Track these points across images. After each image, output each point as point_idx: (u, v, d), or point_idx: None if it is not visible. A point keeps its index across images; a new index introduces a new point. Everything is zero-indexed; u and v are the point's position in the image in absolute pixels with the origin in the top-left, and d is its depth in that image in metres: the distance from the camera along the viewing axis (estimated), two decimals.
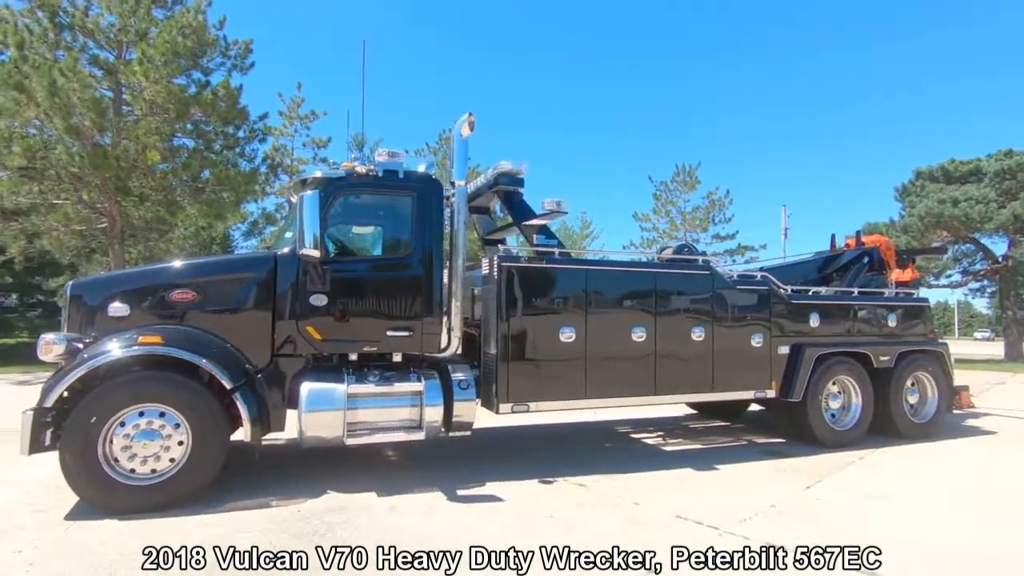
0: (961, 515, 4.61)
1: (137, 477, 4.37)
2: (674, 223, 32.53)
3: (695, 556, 3.64)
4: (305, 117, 21.16)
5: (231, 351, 4.82)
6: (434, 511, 4.56)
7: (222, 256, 5.29)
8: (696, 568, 3.55)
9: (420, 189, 5.48)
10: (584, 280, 5.91)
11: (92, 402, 4.26)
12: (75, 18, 14.53)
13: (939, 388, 7.64)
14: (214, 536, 3.90)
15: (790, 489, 5.28)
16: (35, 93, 11.73)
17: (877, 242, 8.93)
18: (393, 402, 5.12)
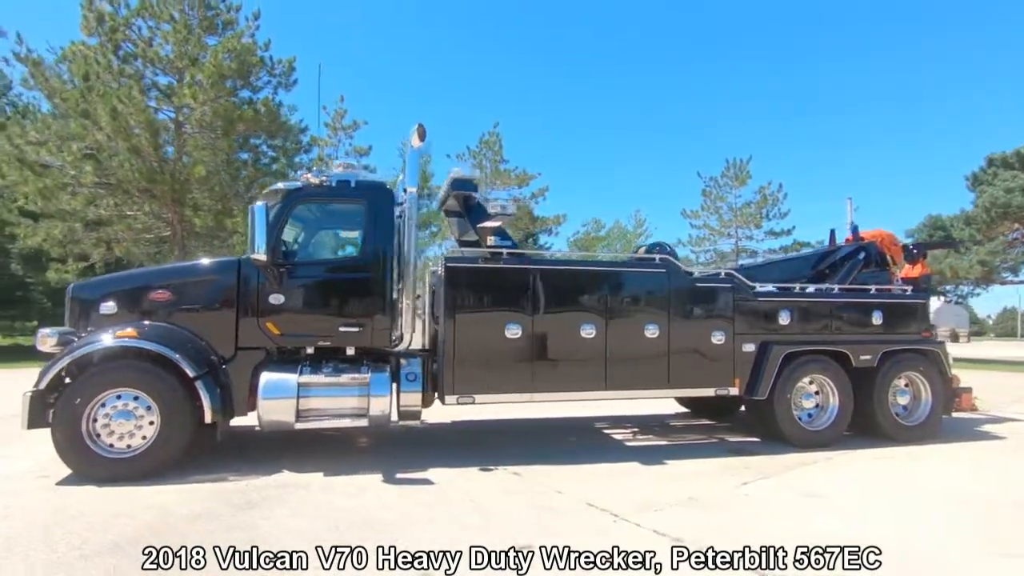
0: (884, 518, 4.52)
1: (115, 451, 5.09)
2: (723, 219, 31.56)
3: (570, 543, 3.86)
4: (348, 127, 22.51)
5: (199, 344, 5.48)
6: (364, 490, 5.00)
7: (195, 261, 5.98)
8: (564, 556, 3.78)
9: (370, 197, 5.96)
10: (531, 279, 6.16)
11: (77, 386, 5.03)
12: (139, 49, 16.24)
13: (933, 390, 7.27)
14: (162, 502, 4.53)
15: (725, 484, 5.31)
16: (99, 119, 13.32)
17: (877, 236, 8.56)
18: (341, 391, 5.61)
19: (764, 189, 31.45)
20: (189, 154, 15.34)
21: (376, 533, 3.98)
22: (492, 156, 25.79)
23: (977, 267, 19.58)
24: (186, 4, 16.98)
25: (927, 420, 7.24)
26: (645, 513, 4.48)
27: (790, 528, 4.18)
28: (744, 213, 31.41)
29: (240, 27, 17.99)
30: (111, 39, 14.80)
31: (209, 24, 17.43)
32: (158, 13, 16.96)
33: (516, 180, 25.30)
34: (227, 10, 17.68)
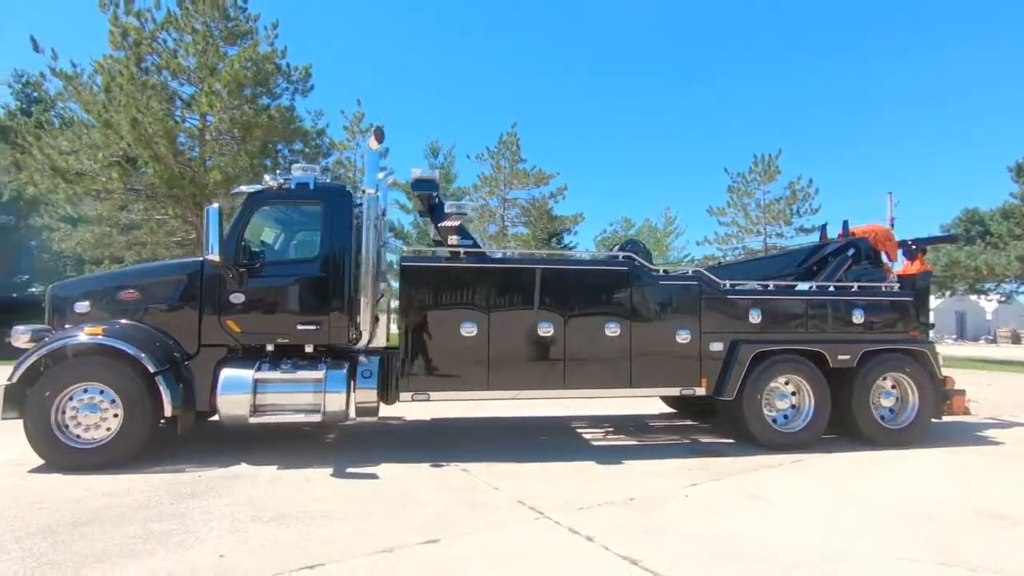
0: (816, 525, 4.36)
1: (81, 441, 5.40)
2: (750, 216, 30.67)
3: (474, 540, 3.90)
4: (366, 130, 22.94)
5: (164, 341, 5.75)
6: (308, 482, 5.15)
7: (162, 261, 6.24)
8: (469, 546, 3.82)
9: (328, 199, 6.11)
10: (487, 277, 6.20)
11: (47, 379, 5.35)
12: (163, 60, 17.02)
13: (921, 392, 6.93)
14: (115, 490, 4.78)
15: (673, 485, 5.22)
16: (121, 128, 14.05)
17: (870, 232, 8.21)
18: (296, 388, 5.78)
19: (794, 184, 30.36)
20: (211, 160, 16.00)
21: (290, 522, 4.12)
22: (510, 156, 25.86)
23: (1016, 264, 18.36)
24: (208, 16, 17.68)
25: (913, 424, 6.91)
26: (570, 511, 4.46)
27: (709, 531, 4.10)
28: (772, 209, 30.42)
29: (259, 36, 18.64)
30: (135, 52, 15.56)
31: (229, 34, 18.09)
32: (182, 25, 17.73)
33: (533, 179, 25.28)
34: (245, 20, 18.33)
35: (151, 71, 16.09)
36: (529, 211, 25.53)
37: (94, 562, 3.44)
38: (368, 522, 4.20)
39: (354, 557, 3.57)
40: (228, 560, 3.50)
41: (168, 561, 3.47)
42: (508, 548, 3.77)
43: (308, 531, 4.00)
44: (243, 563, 3.45)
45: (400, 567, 3.45)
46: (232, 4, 18.48)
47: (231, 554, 3.59)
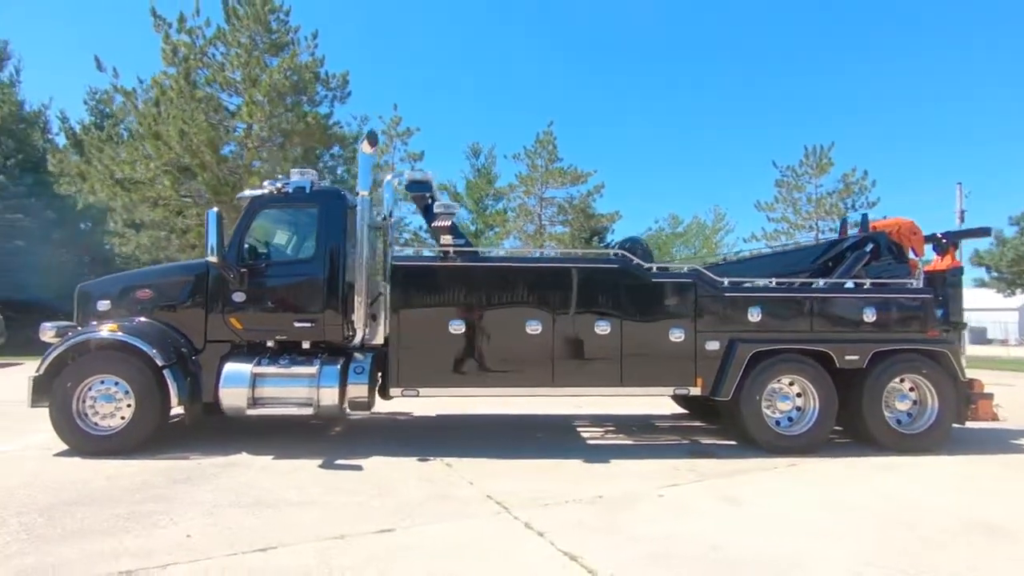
0: (783, 533, 4.21)
1: (99, 429, 5.87)
2: (800, 211, 29.34)
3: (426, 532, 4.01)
4: (403, 134, 23.58)
5: (172, 337, 6.17)
6: (296, 471, 5.41)
7: (173, 263, 6.65)
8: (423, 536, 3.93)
9: (323, 201, 6.38)
10: (475, 276, 6.30)
11: (69, 371, 5.86)
12: (211, 74, 18.08)
13: (941, 396, 6.50)
14: (119, 473, 5.19)
15: (650, 485, 5.15)
16: (170, 139, 15.06)
17: (892, 226, 7.77)
18: (290, 382, 6.07)
19: (847, 177, 28.82)
20: (253, 167, 16.91)
21: (263, 508, 4.37)
22: (547, 155, 25.84)
23: None
24: (252, 30, 18.65)
25: (931, 429, 6.50)
26: (534, 507, 4.50)
27: (664, 531, 4.04)
28: (825, 204, 28.97)
29: (299, 46, 19.49)
30: (184, 67, 16.62)
31: (271, 45, 19.01)
32: (229, 40, 18.78)
33: (569, 178, 25.15)
34: (286, 32, 19.21)
35: (199, 84, 17.12)
36: (566, 210, 25.42)
37: (74, 537, 3.77)
38: (335, 510, 4.39)
39: (306, 542, 3.75)
40: (192, 540, 3.75)
41: (139, 539, 3.76)
42: (456, 540, 3.86)
43: (276, 517, 4.23)
44: (204, 544, 3.70)
45: (344, 552, 3.60)
46: (275, 17, 19.45)
47: (197, 535, 3.84)
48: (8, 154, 24.39)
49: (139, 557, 3.47)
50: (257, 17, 18.65)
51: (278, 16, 19.47)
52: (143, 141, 15.97)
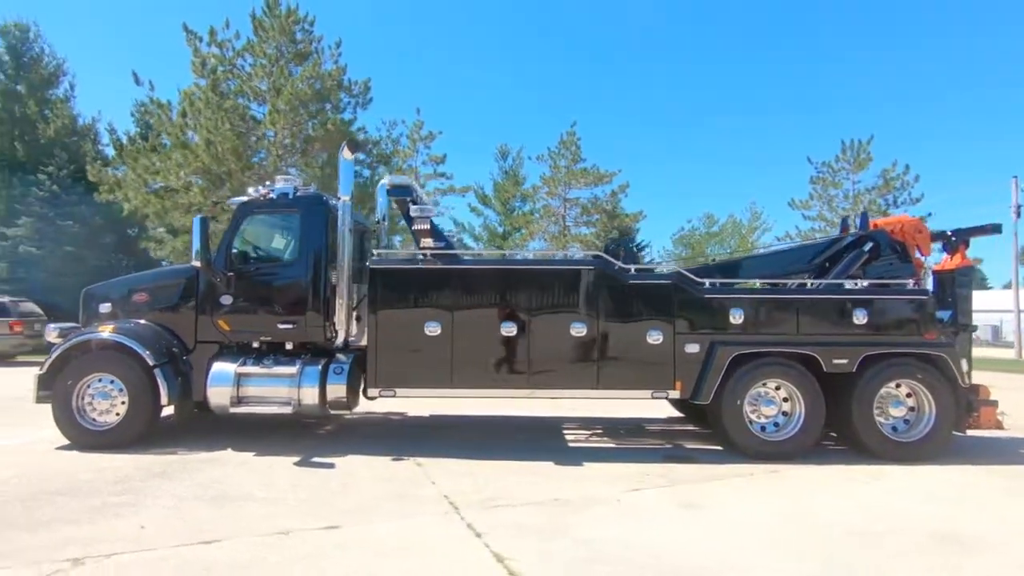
0: (741, 537, 4.11)
1: (97, 424, 6.22)
2: (835, 209, 28.22)
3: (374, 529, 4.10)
4: (425, 138, 23.92)
5: (165, 338, 6.47)
6: (270, 468, 5.60)
7: (167, 267, 6.97)
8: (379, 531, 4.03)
9: (305, 206, 6.57)
10: (450, 279, 6.36)
11: (69, 369, 6.23)
12: (239, 85, 18.81)
13: (937, 402, 6.18)
14: (107, 467, 5.49)
15: (612, 489, 5.10)
16: (197, 149, 15.76)
17: (895, 224, 7.43)
18: (272, 382, 6.28)
19: (887, 172, 27.59)
20: (281, 171, 17.53)
21: (225, 502, 4.55)
22: (570, 156, 25.70)
23: None
24: (277, 41, 19.30)
25: (928, 437, 6.18)
26: (485, 509, 4.54)
27: (605, 536, 4.01)
28: (863, 200, 27.74)
29: (323, 55, 20.06)
30: (212, 79, 17.35)
31: (296, 55, 19.62)
32: (256, 51, 19.49)
33: (592, 178, 24.95)
34: (310, 42, 19.78)
35: (227, 95, 17.84)
36: (588, 210, 25.26)
37: (41, 526, 4.02)
38: (292, 506, 4.53)
39: (250, 536, 3.90)
40: (145, 531, 3.95)
41: (98, 529, 3.99)
42: (393, 539, 3.92)
43: (233, 511, 4.40)
44: (153, 535, 3.89)
45: (281, 547, 3.72)
46: (300, 28, 20.06)
47: (151, 526, 4.04)
48: (61, 165, 25.94)
49: (89, 545, 3.68)
50: (282, 28, 19.29)
51: (303, 26, 20.07)
52: (174, 151, 16.75)
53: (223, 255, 6.49)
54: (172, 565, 3.44)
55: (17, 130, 27.42)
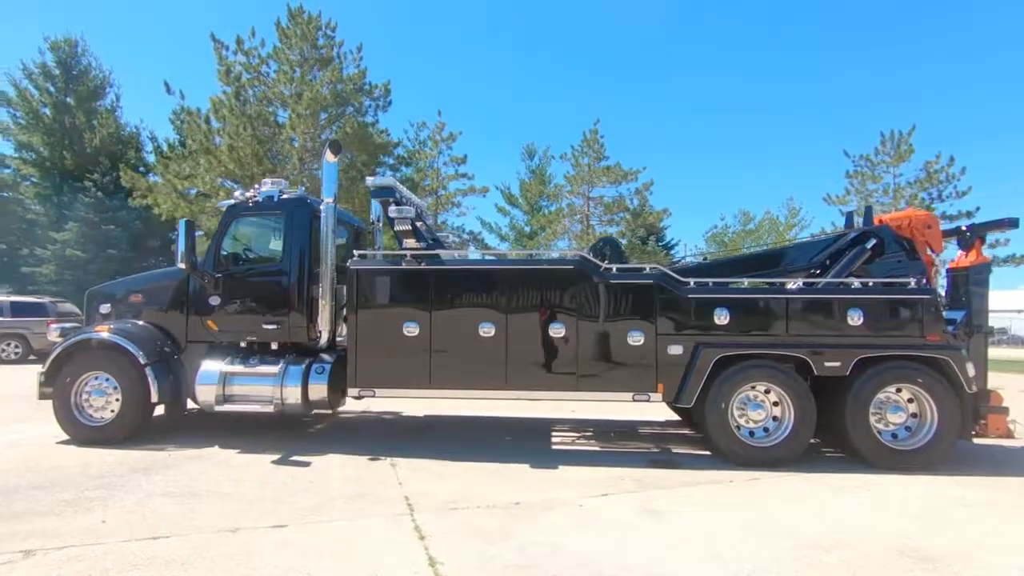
0: (690, 547, 3.95)
1: (93, 420, 6.48)
2: (872, 203, 26.91)
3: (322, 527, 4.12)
4: (447, 139, 24.06)
5: (159, 337, 6.69)
6: (248, 465, 5.73)
7: (160, 269, 7.20)
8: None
9: (289, 209, 6.69)
10: (428, 279, 6.36)
11: (68, 367, 6.51)
12: (264, 92, 19.37)
13: (940, 408, 5.82)
14: (95, 461, 5.72)
15: (577, 494, 4.97)
16: (220, 154, 16.31)
17: (902, 219, 7.01)
18: (256, 381, 6.42)
19: (930, 165, 26.17)
20: (301, 177, 18.01)
21: (190, 499, 4.68)
22: (593, 154, 25.40)
23: None
24: (300, 47, 19.78)
25: (929, 446, 5.82)
26: (441, 511, 4.51)
27: (549, 542, 3.91)
28: (904, 194, 26.42)
29: (344, 60, 20.46)
30: (236, 86, 17.93)
31: (318, 60, 20.07)
32: (281, 58, 20.03)
33: (614, 176, 24.56)
34: (331, 47, 20.20)
35: (253, 101, 18.41)
36: (611, 208, 24.92)
37: (11, 517, 4.21)
38: (251, 504, 4.61)
39: (199, 532, 3.98)
40: (104, 525, 4.09)
41: (62, 521, 4.15)
42: (335, 539, 3.93)
43: (194, 507, 4.50)
44: (110, 529, 4.01)
45: (224, 544, 3.78)
46: (322, 34, 20.51)
47: (112, 521, 4.17)
48: (105, 172, 27.35)
49: (47, 538, 3.83)
50: (304, 35, 19.77)
51: (324, 32, 20.53)
52: (200, 156, 17.40)
53: (212, 257, 6.68)
54: (112, 559, 3.54)
55: (66, 140, 29.02)
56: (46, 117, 28.38)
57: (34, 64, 28.66)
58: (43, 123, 28.31)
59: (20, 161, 28.17)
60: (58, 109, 29.26)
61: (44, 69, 29.06)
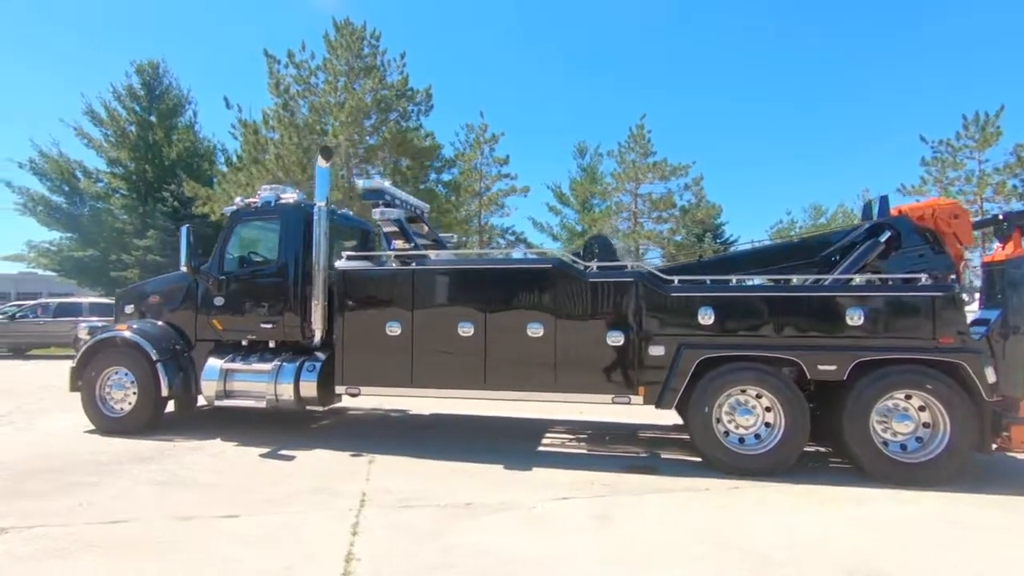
0: (623, 555, 3.80)
1: (114, 412, 7.06)
2: (949, 193, 24.63)
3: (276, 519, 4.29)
4: (489, 140, 24.25)
5: (172, 336, 7.19)
6: (240, 457, 6.08)
7: (175, 273, 7.66)
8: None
9: (284, 213, 6.99)
10: (411, 279, 6.45)
11: (93, 362, 7.13)
12: (311, 102, 20.31)
13: (954, 417, 5.26)
14: (108, 450, 6.23)
15: (536, 497, 4.87)
16: (268, 164, 17.26)
17: (925, 209, 6.39)
18: (252, 377, 6.75)
19: (1021, 148, 23.54)
20: (343, 183, 18.76)
21: (168, 487, 5.02)
22: (640, 150, 24.77)
23: None
24: (345, 57, 20.58)
25: (939, 458, 5.27)
26: (390, 508, 4.59)
27: (477, 542, 3.90)
28: (990, 182, 23.93)
29: (388, 67, 21.09)
30: (284, 97, 18.92)
31: (363, 69, 20.79)
32: (329, 69, 20.92)
33: (662, 172, 23.82)
34: (375, 55, 20.86)
35: (298, 112, 19.35)
36: (658, 205, 24.23)
37: (13, 497, 4.69)
38: (221, 493, 4.88)
39: (156, 519, 4.26)
40: (80, 508, 4.46)
41: (50, 502, 4.56)
42: (274, 529, 4.09)
43: (168, 495, 4.81)
44: (87, 511, 4.38)
45: (172, 529, 4.04)
46: (367, 43, 21.23)
47: (91, 504, 4.55)
48: (181, 183, 29.58)
49: (26, 517, 4.23)
50: (350, 45, 20.54)
51: (369, 42, 21.23)
52: (251, 166, 18.50)
53: (217, 260, 7.10)
54: (72, 539, 3.86)
55: (149, 154, 31.62)
56: (131, 134, 31.01)
57: (122, 86, 31.42)
58: (129, 140, 30.93)
59: (111, 175, 30.94)
60: (142, 126, 31.86)
61: (130, 90, 31.78)
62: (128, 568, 3.45)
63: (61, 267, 31.49)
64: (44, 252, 31.46)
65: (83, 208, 31.36)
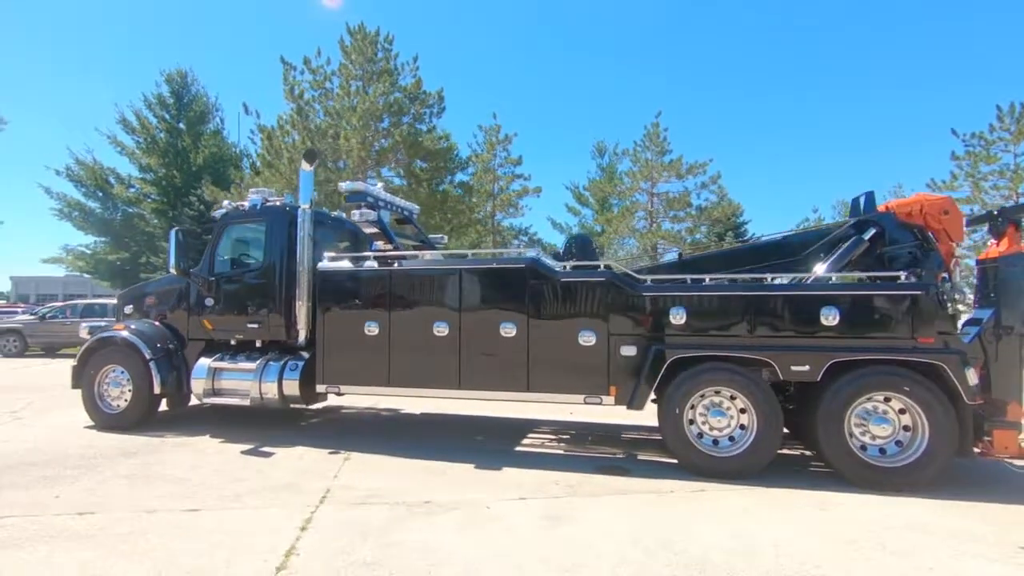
0: (546, 556, 3.78)
1: (112, 408, 7.34)
2: (980, 188, 23.60)
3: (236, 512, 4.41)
4: (503, 141, 24.28)
5: (166, 335, 7.44)
6: (219, 453, 6.23)
7: (169, 275, 7.90)
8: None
9: (269, 216, 7.16)
10: (387, 280, 6.53)
11: (92, 360, 7.42)
12: (325, 106, 20.69)
13: (932, 420, 5.07)
14: (99, 444, 6.49)
15: (495, 497, 4.90)
16: (281, 168, 17.67)
17: (913, 204, 6.18)
18: (238, 376, 6.94)
19: None
20: None
21: (145, 481, 5.21)
22: (655, 148, 24.46)
23: None
24: (359, 62, 20.90)
25: (916, 463, 5.09)
26: (348, 505, 4.67)
27: (417, 539, 3.93)
28: (1020, 176, 22.82)
29: (401, 71, 21.33)
30: (298, 103, 19.33)
31: (376, 72, 21.08)
32: (343, 73, 21.28)
33: (676, 171, 23.46)
34: (388, 59, 21.13)
35: (312, 117, 19.74)
36: (674, 204, 23.89)
37: None
38: (190, 488, 5.03)
39: (121, 511, 4.42)
40: (55, 500, 4.66)
41: (27, 494, 4.78)
42: (232, 523, 4.20)
43: (140, 489, 4.99)
44: (58, 503, 4.57)
45: (134, 521, 4.19)
46: (380, 47, 21.51)
47: (64, 497, 4.75)
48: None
49: (1, 508, 4.43)
50: (363, 50, 20.85)
51: (383, 46, 21.51)
52: (264, 170, 18.96)
53: (208, 262, 7.32)
54: (36, 530, 4.04)
55: (177, 160, 32.73)
56: (161, 141, 32.15)
57: (152, 95, 32.60)
58: (159, 146, 32.08)
59: (142, 181, 32.12)
60: (171, 133, 33.01)
61: (160, 99, 32.94)
62: (72, 558, 3.59)
63: (95, 270, 32.82)
64: (80, 255, 32.84)
65: (116, 213, 32.62)
